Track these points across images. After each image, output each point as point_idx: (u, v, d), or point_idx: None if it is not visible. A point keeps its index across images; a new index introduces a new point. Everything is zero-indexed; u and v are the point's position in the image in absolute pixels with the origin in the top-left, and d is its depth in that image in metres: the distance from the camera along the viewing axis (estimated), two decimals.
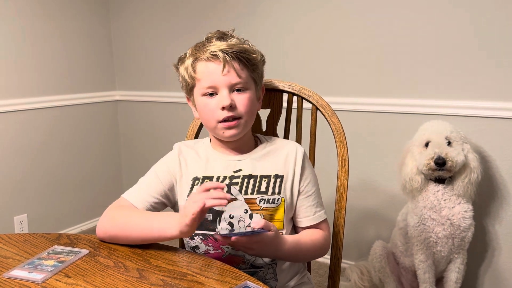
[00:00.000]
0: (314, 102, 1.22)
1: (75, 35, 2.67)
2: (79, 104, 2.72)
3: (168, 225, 0.91)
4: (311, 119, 1.23)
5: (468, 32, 1.81)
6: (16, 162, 2.42)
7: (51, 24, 2.54)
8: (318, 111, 1.22)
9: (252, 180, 1.03)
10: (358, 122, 2.11)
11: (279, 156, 1.07)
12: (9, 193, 2.40)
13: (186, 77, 1.03)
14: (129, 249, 0.95)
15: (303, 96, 1.23)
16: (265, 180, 1.03)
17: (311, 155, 1.24)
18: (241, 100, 1.00)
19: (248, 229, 0.91)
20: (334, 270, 1.18)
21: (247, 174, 1.04)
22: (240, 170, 1.04)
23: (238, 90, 1.00)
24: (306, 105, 1.24)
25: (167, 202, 1.06)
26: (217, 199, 0.84)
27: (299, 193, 1.06)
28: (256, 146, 1.10)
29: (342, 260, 1.35)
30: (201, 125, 1.27)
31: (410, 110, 1.98)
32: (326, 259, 2.25)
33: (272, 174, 1.04)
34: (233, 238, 0.87)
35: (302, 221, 1.06)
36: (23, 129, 2.44)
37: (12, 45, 2.36)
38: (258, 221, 0.90)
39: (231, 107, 0.98)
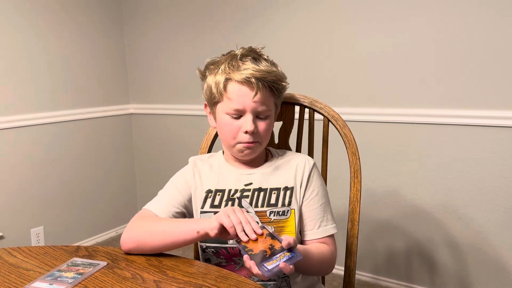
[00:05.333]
0: (326, 114, 1.23)
1: (89, 50, 2.74)
2: (94, 117, 2.77)
3: (195, 225, 0.94)
4: (323, 131, 1.24)
5: (479, 40, 1.81)
6: (32, 175, 2.47)
7: (66, 39, 2.60)
8: (330, 123, 1.23)
9: (262, 193, 1.05)
10: (369, 132, 2.12)
11: (289, 169, 1.08)
12: (25, 206, 2.45)
13: (214, 91, 1.03)
14: (146, 261, 0.97)
15: (315, 108, 1.25)
16: (274, 193, 1.05)
17: (323, 167, 1.25)
18: (262, 127, 1.03)
19: (284, 256, 0.83)
20: (348, 282, 1.18)
21: (257, 187, 1.06)
22: (250, 183, 1.06)
23: (260, 118, 1.03)
24: (317, 116, 1.25)
25: (187, 213, 1.08)
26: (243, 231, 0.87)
27: (302, 204, 1.06)
28: (267, 159, 1.12)
29: (356, 272, 1.35)
30: (215, 138, 1.29)
31: (422, 120, 1.98)
32: (339, 270, 2.24)
33: (282, 186, 1.06)
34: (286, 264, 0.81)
35: (307, 234, 1.06)
36: (38, 142, 2.49)
37: (27, 60, 2.42)
38: (287, 239, 0.84)
39: (254, 132, 1.01)
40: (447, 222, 1.98)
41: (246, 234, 0.87)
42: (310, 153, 1.26)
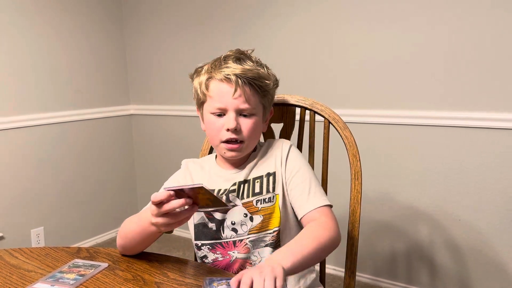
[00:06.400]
0: (326, 116, 1.23)
1: (89, 50, 2.74)
2: (94, 118, 2.78)
3: (147, 221, 0.90)
4: (324, 133, 1.24)
5: (480, 40, 1.82)
6: (33, 176, 2.47)
7: (66, 40, 2.60)
8: (330, 124, 1.24)
9: (246, 184, 1.06)
10: (370, 134, 2.12)
11: (268, 156, 1.10)
12: (26, 206, 2.45)
13: (199, 92, 1.06)
14: (147, 263, 0.98)
15: (316, 110, 1.25)
16: (257, 182, 1.06)
17: (324, 169, 1.25)
18: (246, 125, 1.03)
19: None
20: (349, 283, 1.18)
21: (242, 180, 1.06)
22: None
23: (244, 115, 1.03)
24: (318, 118, 1.25)
25: None
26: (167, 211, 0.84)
27: (286, 184, 1.05)
28: (251, 153, 1.11)
29: (357, 273, 1.35)
30: None
31: (422, 122, 1.98)
32: (340, 272, 2.25)
33: (264, 173, 1.06)
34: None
35: (299, 213, 1.02)
36: (39, 143, 2.49)
37: (29, 61, 2.43)
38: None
39: (236, 130, 1.01)
40: (447, 223, 1.98)
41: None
42: (311, 155, 1.26)
